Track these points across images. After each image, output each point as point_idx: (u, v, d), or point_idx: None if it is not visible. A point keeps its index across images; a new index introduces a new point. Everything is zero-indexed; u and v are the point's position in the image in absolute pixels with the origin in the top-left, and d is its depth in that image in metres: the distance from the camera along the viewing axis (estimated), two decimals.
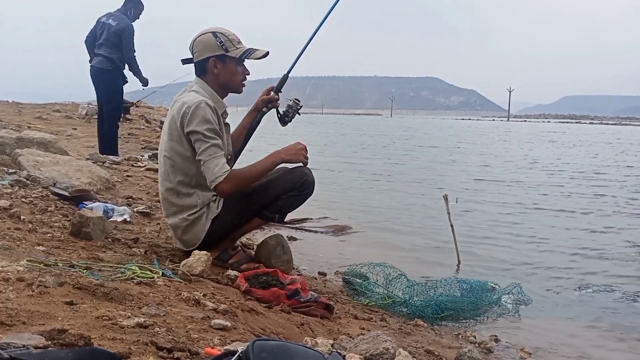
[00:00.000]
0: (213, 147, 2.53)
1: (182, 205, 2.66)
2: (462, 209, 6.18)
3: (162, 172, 2.71)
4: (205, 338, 1.49)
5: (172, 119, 2.62)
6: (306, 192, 2.76)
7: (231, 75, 2.70)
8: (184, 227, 2.67)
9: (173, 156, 2.63)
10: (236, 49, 2.67)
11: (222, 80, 2.70)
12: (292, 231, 4.77)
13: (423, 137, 26.60)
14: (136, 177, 5.38)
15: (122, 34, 6.36)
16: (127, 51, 6.41)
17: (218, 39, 2.64)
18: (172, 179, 2.65)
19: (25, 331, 1.23)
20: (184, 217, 2.65)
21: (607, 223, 5.90)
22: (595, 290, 3.59)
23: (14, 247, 2.11)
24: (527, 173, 11.17)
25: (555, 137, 29.49)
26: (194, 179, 2.64)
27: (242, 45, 2.71)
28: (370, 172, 10.53)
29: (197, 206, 2.65)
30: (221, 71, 2.68)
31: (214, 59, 2.65)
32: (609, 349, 2.74)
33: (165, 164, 2.67)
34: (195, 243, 2.68)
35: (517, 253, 4.55)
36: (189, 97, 2.61)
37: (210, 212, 2.68)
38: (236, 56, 2.66)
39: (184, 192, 2.65)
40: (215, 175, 2.50)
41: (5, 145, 4.63)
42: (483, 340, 2.64)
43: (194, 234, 2.68)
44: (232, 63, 2.68)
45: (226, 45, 2.65)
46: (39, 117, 11.18)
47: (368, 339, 1.74)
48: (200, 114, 2.52)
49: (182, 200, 2.65)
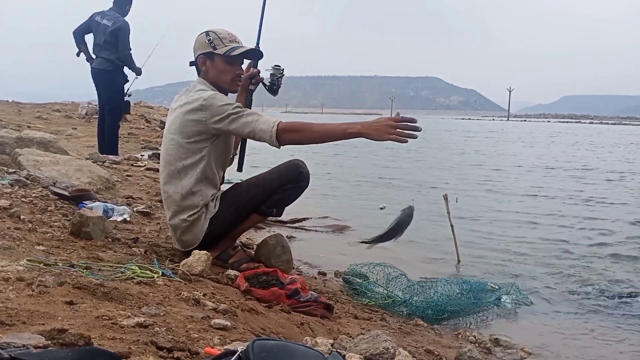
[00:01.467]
0: (249, 116, 2.51)
1: (183, 206, 2.65)
2: (463, 209, 6.17)
3: (166, 173, 2.67)
4: (205, 338, 1.49)
5: (185, 115, 2.58)
6: (302, 185, 2.74)
7: (219, 73, 2.69)
8: (184, 228, 2.67)
9: (179, 152, 2.61)
10: (224, 46, 2.66)
11: (210, 78, 2.70)
12: (292, 231, 4.77)
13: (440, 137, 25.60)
14: (136, 177, 5.38)
15: (119, 33, 6.38)
16: (123, 50, 6.43)
17: (208, 37, 2.66)
18: (179, 179, 2.63)
19: (25, 331, 1.23)
20: (184, 218, 2.65)
21: (611, 226, 5.88)
22: (596, 290, 3.59)
23: (14, 246, 2.10)
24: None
25: (585, 139, 27.54)
26: (197, 180, 2.62)
27: (233, 43, 2.68)
28: (375, 172, 10.50)
29: (198, 207, 2.65)
30: (209, 69, 2.69)
31: (203, 56, 2.68)
32: (609, 349, 2.74)
33: (169, 163, 2.65)
34: (195, 243, 2.67)
35: (517, 253, 4.54)
36: (200, 94, 2.59)
37: (208, 212, 2.68)
38: (221, 53, 2.65)
39: (186, 192, 2.63)
40: (268, 131, 2.45)
41: (5, 145, 4.64)
42: (483, 340, 2.64)
43: (193, 235, 2.68)
44: (220, 61, 2.67)
45: (215, 43, 2.65)
46: (39, 117, 11.19)
47: (368, 339, 1.74)
48: (218, 102, 2.53)
49: (185, 200, 2.64)
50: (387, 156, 13.96)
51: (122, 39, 6.39)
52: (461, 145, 21.00)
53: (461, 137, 27.28)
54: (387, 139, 2.31)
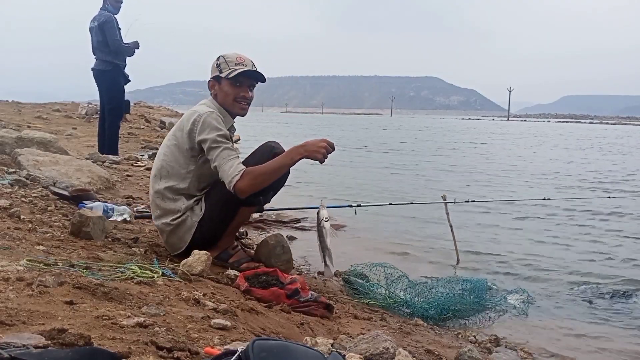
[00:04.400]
0: (226, 151, 2.57)
1: (165, 209, 2.69)
2: (462, 210, 6.16)
3: (154, 174, 2.76)
4: (205, 337, 1.49)
5: (180, 124, 2.71)
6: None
7: (225, 95, 2.74)
8: (168, 232, 2.70)
9: (169, 161, 2.69)
10: (229, 69, 2.70)
11: (219, 101, 2.76)
12: (292, 231, 4.77)
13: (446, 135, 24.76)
14: (136, 177, 5.38)
15: (104, 27, 6.42)
16: (112, 41, 6.45)
17: (217, 62, 2.73)
18: (162, 182, 2.69)
19: (25, 331, 1.23)
20: (167, 222, 2.68)
21: (613, 225, 5.87)
22: (595, 290, 3.59)
23: (14, 246, 2.10)
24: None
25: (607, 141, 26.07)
26: (182, 187, 2.68)
27: (239, 66, 2.71)
28: (383, 174, 10.50)
29: (180, 211, 2.67)
30: (217, 92, 2.76)
31: (212, 80, 2.77)
32: (609, 349, 2.74)
33: (159, 166, 2.72)
34: (181, 247, 2.69)
35: (517, 253, 4.54)
36: (200, 108, 2.71)
37: (194, 215, 2.69)
38: (223, 76, 2.70)
39: (169, 197, 2.69)
40: (231, 175, 2.52)
41: (5, 145, 4.64)
42: (483, 340, 2.64)
43: (178, 238, 2.69)
44: (225, 83, 2.72)
45: (221, 67, 2.72)
46: (39, 117, 11.20)
47: (368, 339, 1.74)
48: (211, 122, 2.60)
49: (167, 204, 2.69)
50: (400, 154, 13.89)
51: (108, 30, 6.43)
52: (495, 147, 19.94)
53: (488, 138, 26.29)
54: (318, 159, 2.56)
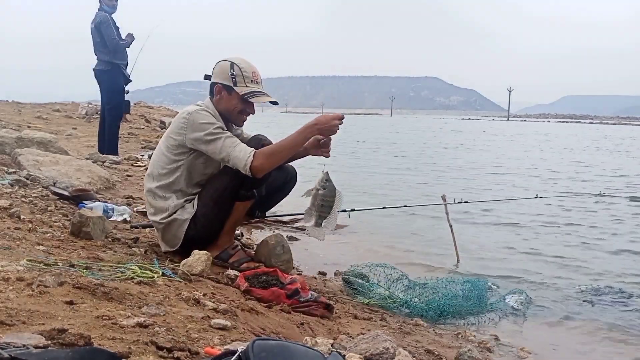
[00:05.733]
0: (229, 139, 2.58)
1: (156, 207, 2.72)
2: (462, 210, 6.16)
3: (147, 173, 2.81)
4: (205, 338, 1.49)
5: (172, 124, 2.74)
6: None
7: (231, 107, 2.73)
8: (162, 230, 2.73)
9: (160, 161, 2.72)
10: (245, 86, 2.68)
11: (222, 108, 2.75)
12: (292, 231, 4.77)
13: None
14: (136, 177, 5.38)
15: (100, 27, 6.43)
16: (109, 40, 6.45)
17: (232, 71, 2.69)
18: (155, 181, 2.72)
19: (25, 331, 1.23)
20: (158, 221, 2.70)
21: (614, 227, 5.86)
22: (595, 290, 3.58)
23: (14, 246, 2.11)
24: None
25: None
26: (172, 182, 2.69)
27: (254, 85, 2.70)
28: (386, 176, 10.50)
29: (168, 210, 2.69)
30: (224, 99, 2.73)
31: (221, 85, 2.71)
32: (609, 349, 2.73)
33: (153, 165, 2.77)
34: (176, 244, 2.71)
35: (517, 253, 4.54)
36: (191, 107, 2.72)
37: (185, 213, 2.69)
38: (240, 92, 2.68)
39: (160, 195, 2.71)
40: (244, 159, 2.53)
41: (5, 145, 4.64)
42: (483, 340, 2.64)
43: (172, 235, 2.71)
44: (235, 97, 2.71)
45: (236, 80, 2.69)
46: (39, 117, 11.19)
47: (368, 339, 1.74)
48: (200, 118, 2.61)
49: (157, 202, 2.71)
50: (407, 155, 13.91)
51: (104, 30, 6.43)
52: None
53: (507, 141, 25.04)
54: (333, 132, 2.62)
